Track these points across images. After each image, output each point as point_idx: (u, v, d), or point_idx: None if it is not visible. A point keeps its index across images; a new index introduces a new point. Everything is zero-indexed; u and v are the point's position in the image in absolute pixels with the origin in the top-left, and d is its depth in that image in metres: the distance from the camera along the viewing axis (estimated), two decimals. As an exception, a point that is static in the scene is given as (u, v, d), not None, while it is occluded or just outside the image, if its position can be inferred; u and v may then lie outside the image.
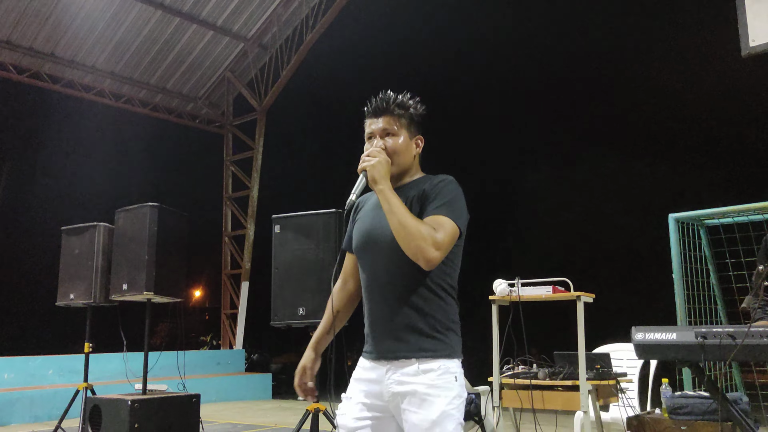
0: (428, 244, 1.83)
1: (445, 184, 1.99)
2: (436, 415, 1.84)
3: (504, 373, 3.89)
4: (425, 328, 1.91)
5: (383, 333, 1.96)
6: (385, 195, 1.90)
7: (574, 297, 3.68)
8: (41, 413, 9.11)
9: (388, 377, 1.93)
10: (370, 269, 2.01)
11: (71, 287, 5.98)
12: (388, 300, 1.95)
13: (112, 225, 5.90)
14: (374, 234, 2.00)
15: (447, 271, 1.98)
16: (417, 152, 2.10)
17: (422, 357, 1.89)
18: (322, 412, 4.44)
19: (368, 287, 2.01)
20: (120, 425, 5.01)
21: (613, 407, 4.63)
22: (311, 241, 4.45)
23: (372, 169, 1.92)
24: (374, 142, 2.03)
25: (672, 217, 5.52)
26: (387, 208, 1.88)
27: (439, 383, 1.87)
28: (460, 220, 1.95)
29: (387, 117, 2.03)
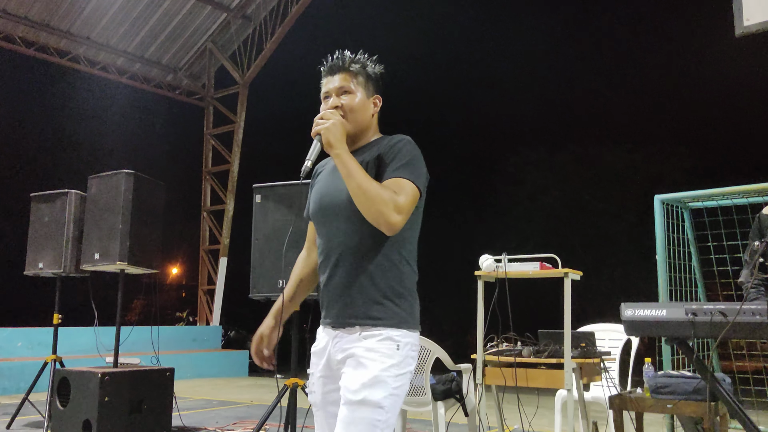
0: (390, 209, 1.77)
1: (403, 145, 1.91)
2: (367, 378, 1.74)
3: (488, 350, 3.81)
4: (375, 296, 1.84)
5: (332, 298, 1.89)
6: (341, 159, 1.81)
7: (561, 274, 3.60)
8: (9, 385, 8.89)
9: (334, 344, 1.88)
10: (326, 235, 1.94)
11: (40, 256, 5.77)
12: (342, 265, 1.87)
13: (84, 192, 5.70)
14: (330, 198, 1.93)
15: (405, 236, 1.90)
16: (375, 111, 2.02)
17: (366, 324, 1.82)
18: (300, 387, 4.34)
19: (324, 253, 1.94)
20: (89, 398, 4.85)
21: (593, 387, 4.60)
22: (292, 212, 4.31)
23: (327, 132, 1.83)
24: (330, 101, 1.95)
25: (658, 198, 5.47)
26: (344, 173, 1.80)
27: (378, 348, 1.79)
28: (420, 180, 1.88)
29: (343, 74, 1.96)
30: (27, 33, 11.17)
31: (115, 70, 12.50)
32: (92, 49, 12.01)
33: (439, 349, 4.15)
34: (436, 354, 4.16)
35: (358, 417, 1.72)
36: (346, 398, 1.75)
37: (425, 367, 4.18)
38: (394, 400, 1.78)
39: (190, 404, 7.51)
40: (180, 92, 13.53)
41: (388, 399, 1.75)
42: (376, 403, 1.73)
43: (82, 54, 11.92)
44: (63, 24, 11.41)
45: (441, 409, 4.17)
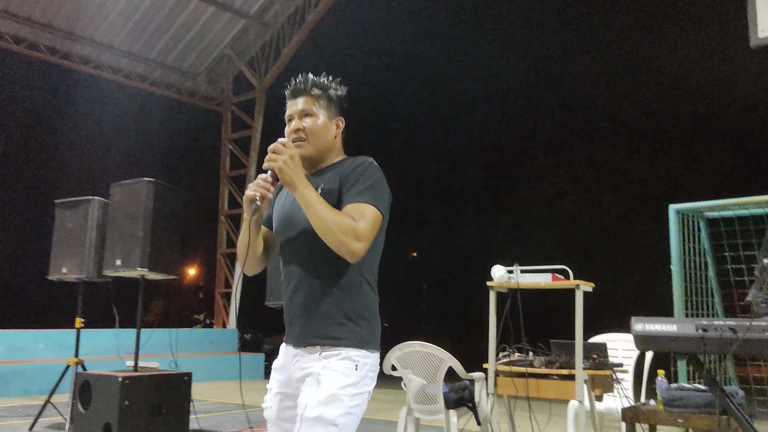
0: (350, 238, 1.78)
1: (365, 168, 1.92)
2: (323, 395, 1.76)
3: (500, 360, 3.84)
4: (335, 316, 1.86)
5: (294, 317, 1.92)
6: (300, 193, 1.82)
7: (573, 285, 3.63)
8: (31, 387, 9.08)
9: (294, 363, 1.91)
10: (288, 253, 1.96)
11: (64, 261, 5.91)
12: (302, 286, 1.90)
13: (106, 199, 5.83)
14: (292, 218, 1.95)
15: (365, 258, 1.90)
16: (337, 133, 2.04)
17: (327, 344, 1.85)
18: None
19: (285, 271, 1.97)
20: (110, 402, 4.96)
21: (607, 397, 4.61)
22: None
23: (282, 172, 1.82)
24: (293, 124, 1.98)
25: (673, 207, 5.46)
26: (304, 206, 1.82)
27: (336, 367, 1.81)
28: (381, 203, 1.89)
29: (305, 97, 1.98)
30: (51, 41, 11.39)
31: (137, 77, 12.70)
32: (115, 56, 12.22)
33: (451, 358, 4.20)
34: (449, 363, 4.20)
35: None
36: (302, 415, 1.77)
37: (438, 375, 4.23)
38: (349, 419, 1.79)
39: (207, 407, 7.62)
40: (199, 98, 13.71)
41: (343, 417, 1.77)
42: (331, 420, 1.74)
43: (105, 61, 12.13)
44: (86, 32, 11.62)
45: (453, 417, 4.22)
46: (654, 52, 21.09)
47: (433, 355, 4.25)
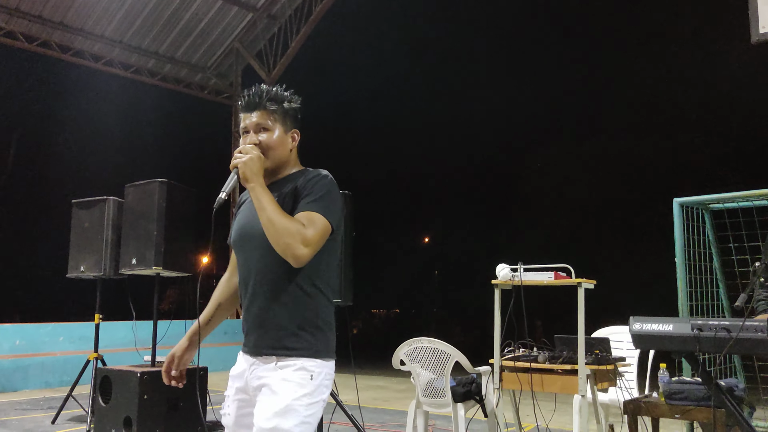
0: (296, 241, 1.81)
1: (319, 179, 1.96)
2: (279, 407, 1.80)
3: (505, 355, 3.96)
4: (290, 326, 1.89)
5: (252, 328, 1.94)
6: (256, 192, 1.88)
7: (575, 283, 3.72)
8: (52, 379, 9.35)
9: (251, 371, 1.93)
10: (244, 264, 2.00)
11: (81, 260, 6.08)
12: (258, 295, 1.93)
13: (121, 199, 5.99)
14: (248, 229, 1.99)
15: (320, 268, 1.94)
16: (293, 146, 2.07)
17: (282, 355, 1.87)
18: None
19: (242, 282, 2.00)
20: (130, 396, 5.15)
21: (612, 389, 4.71)
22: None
23: (244, 167, 1.89)
24: (248, 137, 2.00)
25: (677, 201, 5.52)
26: (258, 206, 1.87)
27: (292, 378, 1.84)
28: (332, 216, 1.92)
29: (260, 112, 2.01)
30: (62, 38, 11.53)
31: (147, 72, 12.83)
32: (125, 52, 12.35)
33: (458, 353, 4.32)
34: (456, 358, 4.33)
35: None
36: (259, 426, 1.80)
37: (446, 370, 4.36)
38: (305, 428, 1.83)
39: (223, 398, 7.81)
40: (208, 92, 13.83)
41: (299, 427, 1.81)
42: (287, 431, 1.78)
43: (116, 57, 12.27)
44: (97, 29, 11.75)
45: (461, 410, 4.35)
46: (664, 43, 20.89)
47: (440, 350, 4.37)
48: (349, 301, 4.41)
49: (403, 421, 6.28)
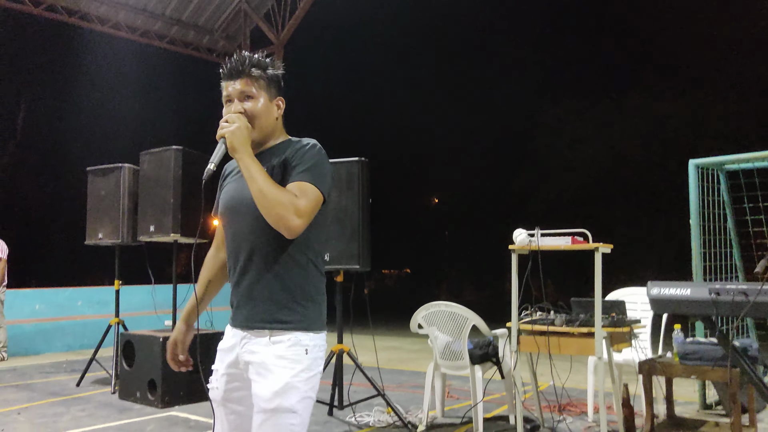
0: (289, 212, 1.77)
1: (308, 149, 1.92)
2: (279, 386, 1.79)
3: (522, 319, 4.02)
4: (283, 299, 1.85)
5: (242, 301, 1.91)
6: (244, 162, 1.82)
7: (592, 248, 3.75)
8: (73, 342, 9.56)
9: (242, 345, 1.89)
10: (233, 237, 1.95)
11: (99, 227, 6.15)
12: (249, 269, 1.89)
13: (136, 166, 6.02)
14: (237, 201, 1.93)
15: (311, 239, 1.90)
16: (279, 114, 1.99)
17: (275, 328, 1.84)
18: (346, 353, 4.65)
19: (232, 255, 1.96)
20: (153, 360, 5.28)
21: (626, 349, 4.78)
22: (335, 189, 4.52)
23: (231, 136, 1.83)
24: (232, 106, 1.93)
25: (692, 162, 5.49)
26: (247, 176, 1.81)
27: (287, 354, 1.82)
28: (323, 185, 1.88)
29: (244, 79, 1.93)
30: (67, 1, 11.41)
31: (154, 35, 12.71)
32: (131, 15, 12.20)
33: (475, 316, 4.39)
34: (473, 321, 4.40)
35: (273, 424, 1.78)
36: (260, 407, 1.80)
37: (463, 333, 4.44)
38: (307, 403, 1.84)
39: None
40: (217, 54, 13.69)
41: (300, 403, 1.81)
42: (290, 408, 1.78)
43: (122, 20, 12.14)
44: (100, -10, 11.60)
45: (479, 372, 4.45)
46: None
47: (457, 314, 4.45)
48: (367, 267, 4.47)
49: (420, 382, 6.42)
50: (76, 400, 5.64)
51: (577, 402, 5.20)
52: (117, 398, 5.64)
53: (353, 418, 4.79)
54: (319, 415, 4.90)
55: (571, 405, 5.13)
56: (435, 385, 4.70)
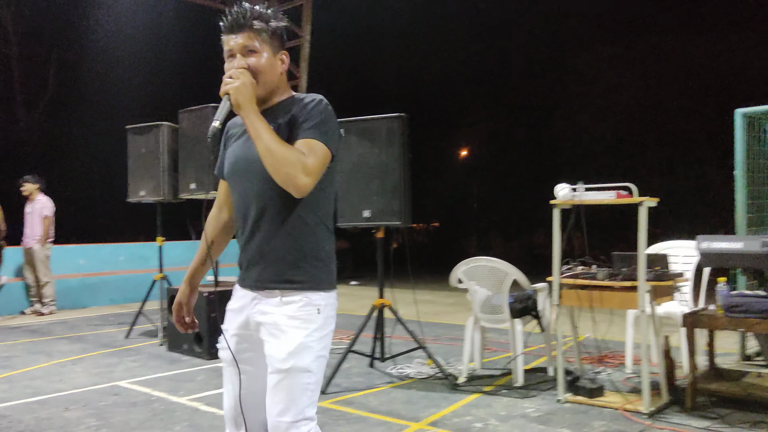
0: (298, 171, 1.72)
1: (315, 105, 1.85)
2: (292, 346, 1.78)
3: (564, 273, 4.03)
4: (293, 259, 1.83)
5: (251, 261, 1.88)
6: (250, 120, 1.76)
7: (638, 202, 3.70)
8: (117, 296, 9.88)
9: (253, 306, 1.88)
10: (240, 196, 1.90)
11: (141, 185, 6.27)
12: (258, 229, 1.86)
13: (174, 124, 6.08)
14: (244, 161, 1.88)
15: (319, 198, 1.87)
16: (283, 69, 1.92)
17: (286, 288, 1.83)
18: (387, 307, 4.73)
19: (240, 215, 1.92)
20: (198, 315, 5.38)
21: (666, 302, 4.78)
22: (375, 146, 4.52)
23: (236, 93, 1.76)
24: (235, 61, 1.85)
25: (739, 112, 5.34)
26: (253, 134, 1.75)
27: (299, 315, 1.81)
28: (332, 142, 1.83)
29: (246, 33, 1.84)
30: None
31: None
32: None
33: (516, 271, 4.41)
34: (514, 276, 4.43)
35: (288, 384, 1.78)
36: (275, 367, 1.79)
37: (503, 287, 4.48)
38: (321, 362, 1.83)
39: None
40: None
41: (315, 362, 1.81)
42: (305, 368, 1.78)
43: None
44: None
45: (519, 325, 4.50)
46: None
47: (498, 269, 4.47)
48: (408, 223, 4.49)
49: (457, 334, 6.52)
50: (127, 351, 5.87)
51: (615, 354, 5.24)
52: (165, 350, 5.85)
53: (394, 369, 4.90)
54: (360, 367, 5.03)
55: (609, 357, 5.18)
56: (474, 338, 4.77)
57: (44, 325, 7.62)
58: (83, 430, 3.58)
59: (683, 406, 3.80)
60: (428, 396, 4.21)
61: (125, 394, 4.37)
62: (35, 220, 8.36)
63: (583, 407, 3.89)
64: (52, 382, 4.73)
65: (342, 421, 3.68)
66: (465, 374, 4.61)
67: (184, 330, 2.10)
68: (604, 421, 3.61)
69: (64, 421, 3.77)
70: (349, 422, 3.66)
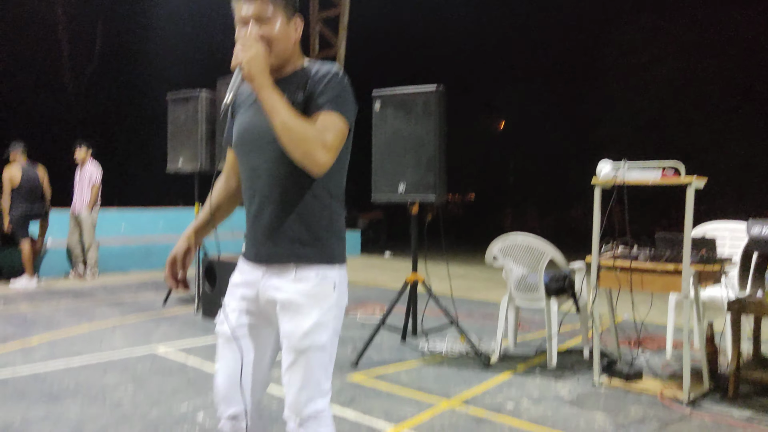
0: (317, 147, 1.65)
1: (331, 76, 1.77)
2: (309, 324, 1.76)
3: (603, 254, 3.90)
4: (305, 233, 1.79)
5: (262, 236, 1.82)
6: (264, 93, 1.66)
7: (685, 182, 3.54)
8: (156, 261, 10.08)
9: (264, 281, 1.82)
10: (250, 170, 1.84)
11: (180, 154, 6.31)
12: (268, 203, 1.80)
13: (213, 92, 6.08)
14: (254, 134, 1.80)
15: (332, 172, 1.79)
16: (297, 37, 1.84)
17: (300, 263, 1.78)
18: (420, 283, 4.69)
19: (248, 188, 1.86)
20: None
21: (710, 286, 4.62)
22: (410, 118, 4.43)
23: (248, 64, 1.66)
24: (247, 29, 1.76)
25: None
26: (268, 108, 1.66)
27: (315, 292, 1.78)
28: (349, 115, 1.77)
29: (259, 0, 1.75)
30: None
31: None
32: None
33: (553, 249, 4.31)
34: (550, 255, 4.33)
35: (306, 361, 1.77)
36: (293, 345, 1.77)
37: (540, 266, 4.38)
38: (335, 338, 1.83)
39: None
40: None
41: (330, 339, 1.80)
42: (321, 346, 1.78)
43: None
44: None
45: (554, 305, 4.41)
46: None
47: (534, 247, 4.37)
48: (443, 198, 4.41)
49: (490, 311, 6.46)
50: (164, 318, 5.99)
51: (653, 337, 5.12)
52: (200, 318, 5.94)
53: (426, 345, 4.88)
54: (392, 341, 5.02)
55: (648, 340, 5.06)
56: (508, 317, 4.70)
57: (87, 289, 7.83)
58: (120, 395, 3.66)
59: (725, 394, 3.69)
60: (460, 373, 4.17)
61: (161, 360, 4.46)
62: (85, 186, 8.60)
63: (619, 392, 3.81)
64: (92, 345, 4.86)
65: (373, 396, 3.68)
66: (498, 353, 4.56)
67: (175, 287, 2.01)
68: (641, 407, 3.52)
69: (103, 384, 3.86)
70: (380, 397, 3.66)
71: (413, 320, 4.92)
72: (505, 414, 3.40)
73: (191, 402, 3.54)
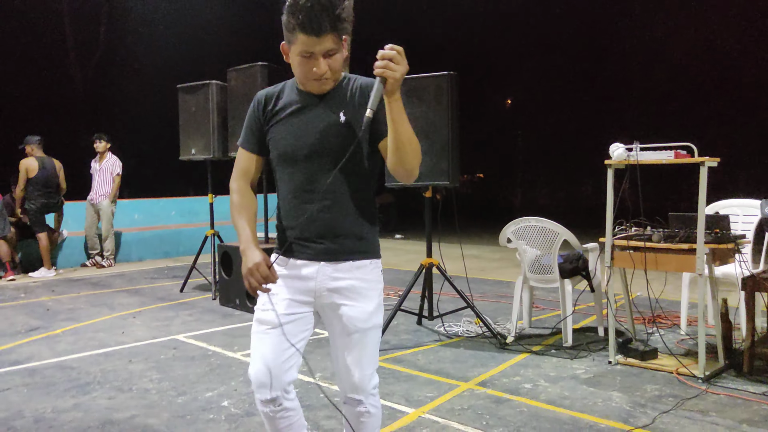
0: (419, 161, 1.86)
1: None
2: (372, 307, 1.97)
3: (617, 234, 3.93)
4: (360, 232, 1.96)
5: (321, 237, 1.93)
6: (398, 108, 1.74)
7: (698, 162, 3.55)
8: (170, 249, 10.19)
9: (322, 274, 1.94)
10: (306, 176, 1.91)
11: (192, 143, 6.37)
12: (328, 207, 1.91)
13: (223, 82, 6.11)
14: (314, 139, 1.89)
15: (375, 173, 1.98)
16: (347, 54, 1.97)
17: (357, 257, 1.96)
18: (435, 266, 4.74)
19: (302, 192, 1.93)
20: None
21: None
22: (423, 104, 4.45)
23: (395, 83, 1.69)
24: (319, 62, 1.79)
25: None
26: (398, 120, 1.75)
27: (371, 278, 1.98)
28: None
29: (332, 35, 1.77)
30: None
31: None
32: None
33: (566, 231, 4.34)
34: (564, 236, 4.36)
35: (369, 340, 1.98)
36: (356, 327, 1.95)
37: (553, 248, 4.42)
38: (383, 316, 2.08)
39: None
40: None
41: (382, 318, 2.05)
42: (379, 325, 2.01)
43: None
44: None
45: (569, 286, 4.45)
46: None
47: (548, 229, 4.41)
48: (456, 183, 4.44)
49: (504, 291, 6.52)
50: (182, 305, 6.09)
51: (668, 314, 5.16)
52: (218, 304, 6.04)
53: (442, 327, 4.95)
54: (408, 324, 5.09)
55: (662, 317, 5.10)
56: (523, 298, 4.75)
57: (104, 278, 7.95)
58: (147, 383, 3.76)
59: (740, 370, 3.73)
60: (476, 355, 4.24)
61: (183, 348, 4.55)
62: (106, 177, 8.81)
63: (635, 370, 3.86)
64: (114, 334, 4.96)
65: (391, 379, 3.75)
66: (513, 334, 4.62)
67: (265, 291, 1.93)
68: (657, 385, 3.58)
69: (128, 373, 3.96)
70: (398, 380, 3.73)
71: (429, 303, 4.99)
72: (523, 395, 3.46)
73: (215, 389, 3.63)
